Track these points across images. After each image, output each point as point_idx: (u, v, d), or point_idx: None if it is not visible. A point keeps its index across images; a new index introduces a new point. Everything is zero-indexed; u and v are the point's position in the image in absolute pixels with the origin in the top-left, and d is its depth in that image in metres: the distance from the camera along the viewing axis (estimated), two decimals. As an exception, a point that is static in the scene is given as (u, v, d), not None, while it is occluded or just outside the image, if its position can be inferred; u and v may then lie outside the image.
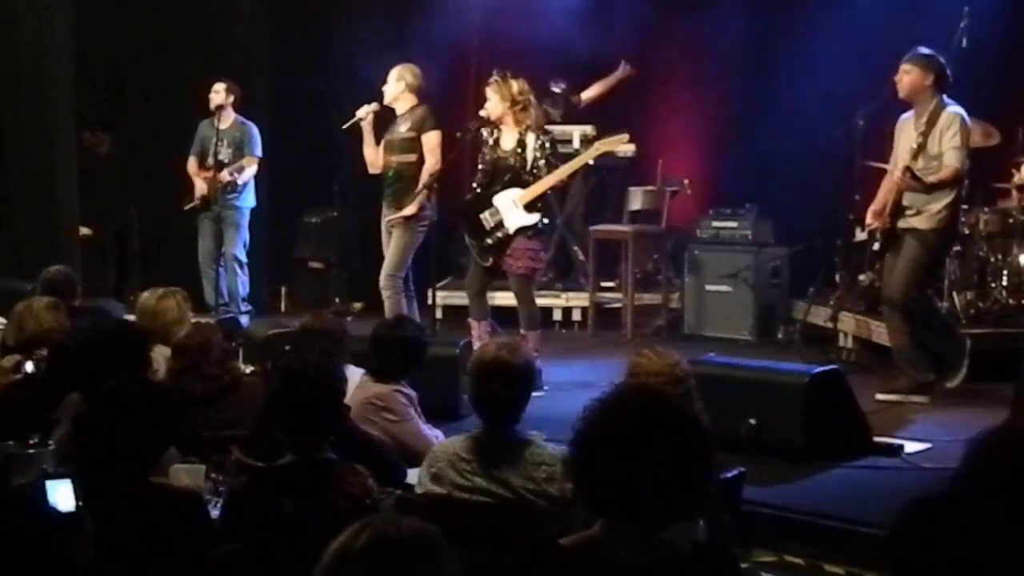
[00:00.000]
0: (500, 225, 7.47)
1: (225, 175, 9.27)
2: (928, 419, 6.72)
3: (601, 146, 7.83)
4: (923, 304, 7.16)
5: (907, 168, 6.79)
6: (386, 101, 8.14)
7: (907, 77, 6.96)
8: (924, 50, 7.07)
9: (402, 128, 8.09)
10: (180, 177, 9.60)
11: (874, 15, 9.02)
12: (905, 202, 6.98)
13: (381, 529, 2.16)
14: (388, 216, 8.09)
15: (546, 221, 7.74)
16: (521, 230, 7.44)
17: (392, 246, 8.06)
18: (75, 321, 5.79)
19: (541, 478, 3.92)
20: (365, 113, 8.14)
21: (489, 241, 7.52)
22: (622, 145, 8.18)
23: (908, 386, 7.08)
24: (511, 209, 7.44)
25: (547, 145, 7.49)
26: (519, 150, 7.48)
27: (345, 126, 8.28)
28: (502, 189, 7.48)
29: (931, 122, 6.90)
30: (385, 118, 8.20)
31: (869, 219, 7.20)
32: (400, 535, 2.16)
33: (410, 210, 7.91)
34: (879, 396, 7.08)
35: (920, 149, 6.87)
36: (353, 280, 10.59)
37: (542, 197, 7.52)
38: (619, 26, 10.02)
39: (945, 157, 6.86)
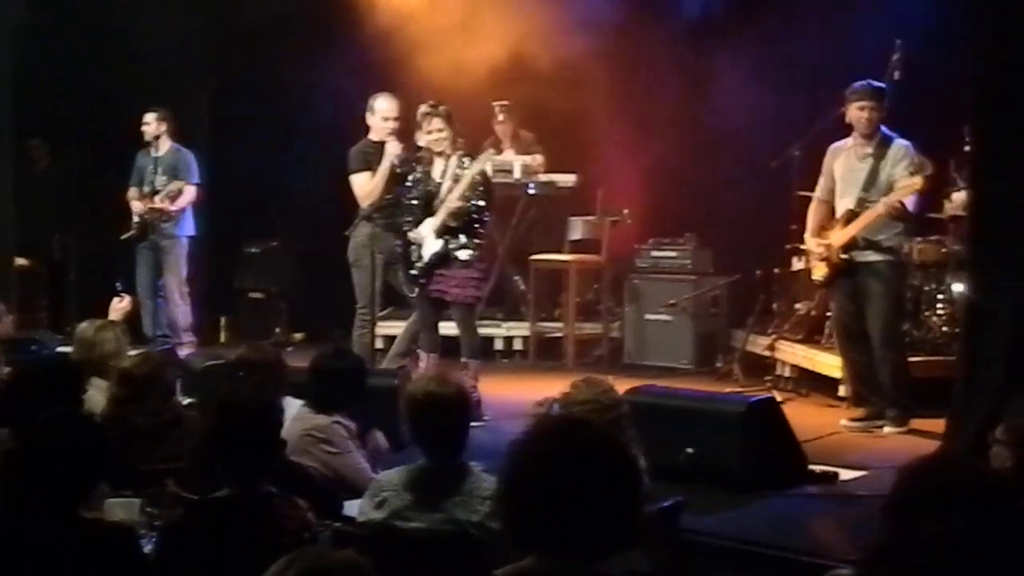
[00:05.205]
0: (420, 256, 7.54)
1: (157, 201, 9.27)
2: (863, 447, 6.80)
3: (475, 164, 7.62)
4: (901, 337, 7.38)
5: (899, 201, 6.91)
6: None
7: (874, 114, 7.07)
8: (876, 84, 7.18)
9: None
10: (118, 208, 9.53)
11: (809, 49, 9.14)
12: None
13: (310, 563, 2.14)
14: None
15: (452, 246, 7.48)
16: (437, 257, 7.45)
17: None
18: (11, 354, 5.73)
19: (484, 512, 3.90)
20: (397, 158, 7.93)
21: (413, 272, 7.62)
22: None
23: (873, 413, 7.18)
24: (428, 238, 7.51)
25: (460, 170, 7.47)
26: (439, 180, 7.52)
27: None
28: (425, 219, 7.53)
29: (879, 154, 7.04)
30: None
31: (816, 246, 7.26)
32: (329, 568, 2.14)
33: None
34: (844, 423, 7.20)
35: (871, 180, 7.00)
36: (293, 311, 10.54)
37: (472, 224, 7.50)
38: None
39: (899, 185, 6.97)
